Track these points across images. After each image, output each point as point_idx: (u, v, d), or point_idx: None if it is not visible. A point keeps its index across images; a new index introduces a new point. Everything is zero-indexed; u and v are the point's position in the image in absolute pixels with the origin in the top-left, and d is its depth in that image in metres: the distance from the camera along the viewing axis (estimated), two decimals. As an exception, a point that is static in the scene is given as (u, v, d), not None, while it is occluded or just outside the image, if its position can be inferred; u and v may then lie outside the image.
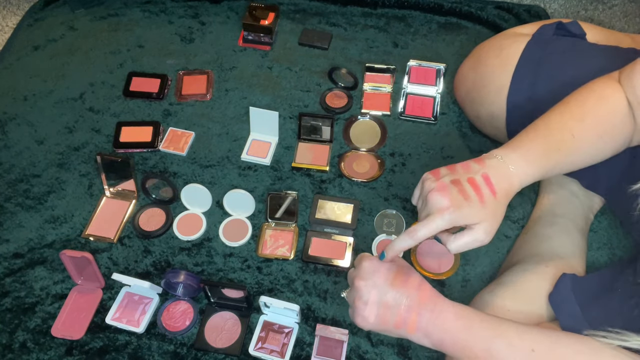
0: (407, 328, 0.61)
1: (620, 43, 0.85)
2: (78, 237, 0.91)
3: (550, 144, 0.64)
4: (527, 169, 0.62)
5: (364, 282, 0.63)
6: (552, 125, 0.65)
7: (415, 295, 0.62)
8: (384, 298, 0.62)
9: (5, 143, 1.03)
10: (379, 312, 0.62)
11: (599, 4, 1.26)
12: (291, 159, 1.00)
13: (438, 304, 0.61)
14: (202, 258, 0.89)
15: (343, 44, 1.18)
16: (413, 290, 0.62)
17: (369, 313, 0.62)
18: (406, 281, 0.63)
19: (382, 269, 0.64)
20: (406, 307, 0.61)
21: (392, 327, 0.62)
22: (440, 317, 0.60)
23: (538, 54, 0.83)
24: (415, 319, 0.61)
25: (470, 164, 0.64)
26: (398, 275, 0.63)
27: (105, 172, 0.95)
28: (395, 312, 0.61)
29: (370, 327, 0.63)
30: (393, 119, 1.06)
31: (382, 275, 0.63)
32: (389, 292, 0.62)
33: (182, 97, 1.09)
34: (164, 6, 1.25)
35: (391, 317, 0.62)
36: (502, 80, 0.85)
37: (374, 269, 0.64)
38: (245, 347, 0.80)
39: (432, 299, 0.62)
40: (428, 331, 0.60)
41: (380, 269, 0.64)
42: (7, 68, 1.14)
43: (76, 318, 0.83)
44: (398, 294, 0.62)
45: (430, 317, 0.60)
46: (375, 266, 0.64)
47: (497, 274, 0.85)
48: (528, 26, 0.92)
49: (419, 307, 0.61)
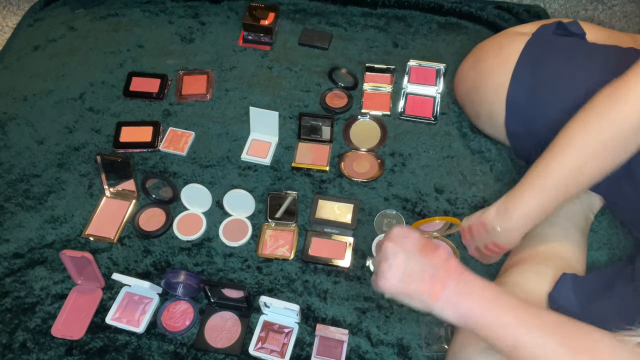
0: (430, 297, 0.60)
1: (620, 43, 0.85)
2: (78, 237, 0.91)
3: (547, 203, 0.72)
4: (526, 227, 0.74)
5: (392, 245, 0.62)
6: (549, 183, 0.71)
7: (442, 265, 0.61)
8: (410, 263, 0.61)
9: (5, 143, 1.03)
10: (404, 276, 0.61)
11: (599, 4, 1.26)
12: (291, 159, 1.00)
13: (464, 275, 0.60)
14: (202, 258, 0.89)
15: (343, 44, 1.18)
16: (440, 260, 0.61)
17: (393, 276, 0.61)
18: (434, 251, 0.62)
19: (413, 235, 0.63)
20: (431, 275, 0.60)
21: (414, 293, 0.61)
22: (467, 287, 0.59)
23: (538, 53, 0.83)
24: (440, 288, 0.59)
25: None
26: (428, 244, 0.63)
27: (105, 172, 0.95)
28: (420, 279, 0.60)
29: (392, 290, 0.62)
30: (393, 119, 1.06)
31: (411, 241, 0.63)
32: (416, 258, 0.61)
33: (182, 97, 1.09)
34: (164, 6, 1.25)
35: (415, 283, 0.60)
36: (502, 79, 0.85)
37: (404, 234, 0.63)
38: (245, 347, 0.80)
39: (458, 271, 0.61)
40: (453, 301, 0.59)
41: (410, 236, 0.63)
42: (7, 68, 1.14)
43: (76, 318, 0.83)
44: (425, 262, 0.61)
45: (455, 288, 0.59)
46: (407, 232, 0.64)
47: (496, 274, 0.85)
48: (528, 25, 0.93)
49: (444, 277, 0.60)
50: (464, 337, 0.72)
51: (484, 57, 0.90)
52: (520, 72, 0.83)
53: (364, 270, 0.87)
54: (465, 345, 0.71)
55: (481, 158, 0.99)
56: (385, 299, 0.82)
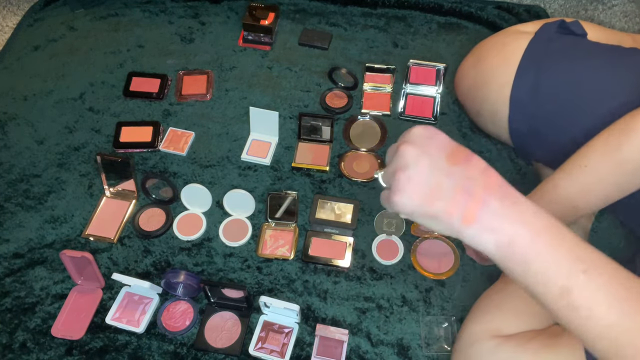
0: (464, 217, 0.47)
1: (621, 43, 0.85)
2: (78, 237, 0.91)
3: None
4: None
5: (412, 148, 0.49)
6: (556, 198, 0.69)
7: (479, 177, 0.48)
8: (436, 173, 0.48)
9: (5, 143, 1.03)
10: (427, 190, 0.48)
11: (599, 4, 1.26)
12: (291, 159, 1.00)
13: (509, 193, 0.48)
14: (202, 258, 0.89)
15: (343, 44, 1.17)
16: (477, 171, 0.49)
17: (414, 190, 0.48)
18: (468, 159, 0.49)
19: (440, 137, 0.50)
20: (466, 190, 0.48)
21: (441, 213, 0.48)
22: (514, 208, 0.47)
23: (541, 52, 0.83)
24: (476, 207, 0.47)
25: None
26: (459, 150, 0.50)
27: (105, 172, 0.95)
28: (450, 195, 0.48)
29: (410, 209, 0.49)
30: (393, 119, 1.05)
31: (438, 143, 0.49)
32: (445, 167, 0.48)
33: (182, 97, 1.09)
34: (164, 6, 1.25)
35: (443, 200, 0.48)
36: (505, 77, 0.85)
37: (429, 134, 0.50)
38: (245, 347, 0.80)
39: (501, 187, 0.48)
40: (494, 225, 0.47)
41: (437, 137, 0.50)
42: (7, 68, 1.14)
43: (76, 318, 0.83)
44: (456, 172, 0.48)
45: (499, 208, 0.47)
46: (432, 132, 0.50)
47: (496, 273, 0.85)
48: (529, 24, 0.92)
49: (483, 194, 0.47)
50: (470, 334, 0.72)
51: (486, 56, 0.90)
52: (523, 71, 0.83)
53: (364, 270, 0.87)
54: (472, 342, 0.70)
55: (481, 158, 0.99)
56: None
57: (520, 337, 0.68)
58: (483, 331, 0.70)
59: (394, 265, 0.87)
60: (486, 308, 0.74)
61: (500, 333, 0.69)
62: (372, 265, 0.88)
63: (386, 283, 0.86)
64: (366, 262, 0.88)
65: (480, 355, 0.68)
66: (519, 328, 0.70)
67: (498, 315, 0.71)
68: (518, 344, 0.67)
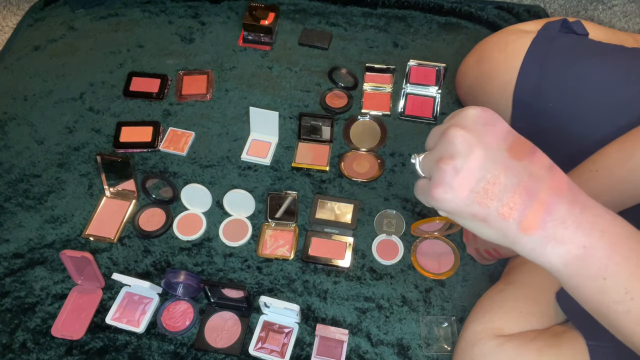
0: (523, 223, 0.40)
1: (623, 42, 0.85)
2: (78, 237, 0.91)
3: None
4: None
5: (465, 133, 0.40)
6: None
7: (545, 177, 0.40)
8: (493, 167, 0.40)
9: (5, 143, 1.03)
10: (479, 186, 0.40)
11: (599, 4, 1.26)
12: (291, 159, 1.00)
13: (579, 197, 0.40)
14: (202, 258, 0.89)
15: (343, 44, 1.17)
16: (542, 169, 0.40)
17: (462, 184, 0.40)
18: (532, 153, 0.41)
19: (501, 124, 0.42)
20: (528, 190, 0.39)
21: (492, 215, 0.40)
22: (587, 215, 0.39)
23: (544, 50, 0.83)
24: (541, 211, 0.39)
25: None
26: (522, 141, 0.42)
27: (105, 172, 0.95)
28: (508, 195, 0.40)
29: (453, 206, 0.41)
30: (393, 119, 1.05)
31: (498, 131, 0.41)
32: (505, 160, 0.40)
33: (182, 97, 1.09)
34: (164, 6, 1.25)
35: (498, 200, 0.40)
36: (508, 76, 0.85)
37: (486, 119, 0.41)
38: (245, 347, 0.80)
39: (570, 189, 0.40)
40: (562, 235, 0.39)
41: (497, 123, 0.41)
42: (7, 68, 1.14)
43: (76, 318, 0.83)
44: (518, 168, 0.40)
45: (568, 214, 0.39)
46: (490, 117, 0.42)
47: (496, 273, 0.85)
48: (531, 23, 0.92)
49: (550, 196, 0.39)
50: (472, 333, 0.72)
51: (489, 54, 0.90)
52: (526, 69, 0.83)
53: (364, 270, 0.87)
54: (474, 342, 0.70)
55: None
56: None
57: (522, 337, 0.68)
58: (485, 330, 0.70)
59: (394, 265, 0.87)
60: (488, 308, 0.73)
61: (502, 332, 0.69)
62: (372, 265, 0.88)
63: (386, 283, 0.86)
64: (366, 262, 0.88)
65: (483, 355, 0.68)
66: (520, 328, 0.70)
67: (500, 315, 0.71)
68: (521, 343, 0.67)
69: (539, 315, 0.70)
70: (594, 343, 0.64)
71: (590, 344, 0.64)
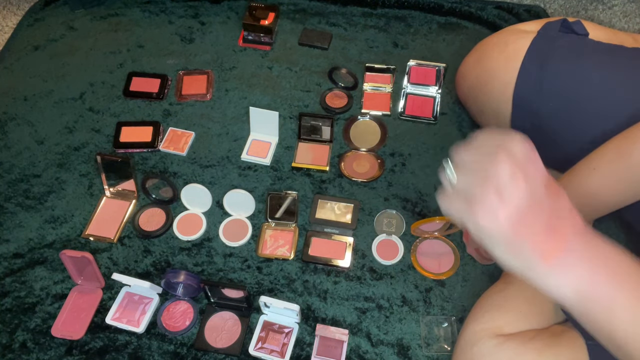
0: (543, 254, 0.43)
1: (623, 42, 0.85)
2: (78, 237, 0.91)
3: None
4: None
5: (513, 164, 0.42)
6: None
7: (567, 215, 0.45)
8: (532, 201, 0.43)
9: (5, 143, 1.03)
10: (518, 217, 0.42)
11: (599, 4, 1.26)
12: (291, 159, 1.00)
13: (591, 237, 0.46)
14: (202, 258, 0.89)
15: (343, 44, 1.17)
16: (566, 208, 0.45)
17: (504, 210, 0.42)
18: (559, 194, 0.45)
19: (539, 160, 0.44)
20: (552, 226, 0.43)
21: (523, 245, 0.43)
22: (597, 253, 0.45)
23: (545, 50, 0.83)
24: (560, 244, 0.43)
25: None
26: (553, 179, 0.46)
27: (105, 172, 0.95)
28: (539, 228, 0.43)
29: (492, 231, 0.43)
30: (393, 119, 1.06)
31: (537, 167, 0.44)
32: (542, 196, 0.43)
33: (182, 97, 1.09)
34: (164, 6, 1.25)
35: (530, 229, 0.43)
36: (508, 76, 0.85)
37: (529, 152, 0.44)
38: (245, 347, 0.80)
39: (583, 228, 0.45)
40: (575, 268, 0.44)
41: (536, 159, 0.44)
42: (7, 68, 1.14)
43: (76, 318, 0.83)
44: (549, 204, 0.43)
45: (583, 251, 0.44)
46: (531, 152, 0.44)
47: (496, 273, 0.85)
48: (531, 23, 0.92)
49: (568, 233, 0.44)
50: (471, 333, 0.72)
51: (489, 54, 0.90)
52: (526, 69, 0.83)
53: (364, 270, 0.87)
54: (474, 341, 0.70)
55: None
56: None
57: (521, 336, 0.68)
58: (484, 330, 0.70)
59: (394, 265, 0.87)
60: (487, 307, 0.74)
61: (502, 332, 0.69)
62: (372, 265, 0.88)
63: (386, 283, 0.86)
64: (366, 262, 0.88)
65: (482, 355, 0.68)
66: (520, 327, 0.70)
67: (499, 315, 0.71)
68: (520, 343, 0.67)
69: (538, 315, 0.70)
70: (593, 342, 0.64)
71: (590, 344, 0.64)
